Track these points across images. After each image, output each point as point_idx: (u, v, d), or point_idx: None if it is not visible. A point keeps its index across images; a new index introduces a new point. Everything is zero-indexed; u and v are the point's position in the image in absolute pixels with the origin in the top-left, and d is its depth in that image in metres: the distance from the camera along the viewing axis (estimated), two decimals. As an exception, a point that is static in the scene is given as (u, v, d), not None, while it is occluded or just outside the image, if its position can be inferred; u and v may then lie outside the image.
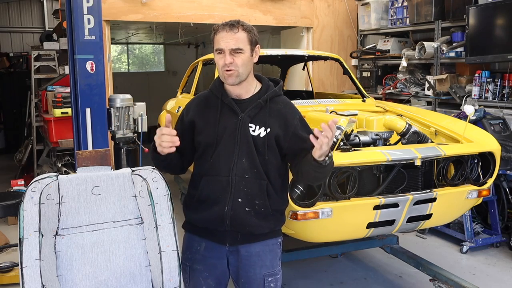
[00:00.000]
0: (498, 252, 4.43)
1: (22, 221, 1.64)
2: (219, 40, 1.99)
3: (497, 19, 4.50)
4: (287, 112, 2.11)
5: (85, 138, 3.64)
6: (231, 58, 1.97)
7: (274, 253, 2.16)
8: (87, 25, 3.55)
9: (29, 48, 8.95)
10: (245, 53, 2.00)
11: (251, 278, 2.12)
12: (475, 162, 3.12)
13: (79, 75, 3.61)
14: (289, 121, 2.08)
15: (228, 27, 1.98)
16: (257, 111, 2.07)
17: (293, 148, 2.07)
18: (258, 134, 2.05)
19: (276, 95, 2.13)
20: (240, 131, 2.04)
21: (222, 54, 1.99)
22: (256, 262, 2.11)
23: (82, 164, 1.82)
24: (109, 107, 3.88)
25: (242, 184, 2.02)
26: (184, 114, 2.16)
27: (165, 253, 1.76)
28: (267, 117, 2.06)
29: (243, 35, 1.99)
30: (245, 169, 2.03)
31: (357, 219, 2.85)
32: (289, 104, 2.16)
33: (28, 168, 7.09)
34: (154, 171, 1.86)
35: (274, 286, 2.15)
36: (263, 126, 2.05)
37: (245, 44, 2.00)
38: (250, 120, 2.06)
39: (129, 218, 1.84)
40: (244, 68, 2.01)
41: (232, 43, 1.97)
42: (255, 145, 2.04)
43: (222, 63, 1.99)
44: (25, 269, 1.59)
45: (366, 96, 4.26)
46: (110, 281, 1.75)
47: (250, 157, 2.04)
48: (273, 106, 2.09)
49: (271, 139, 2.05)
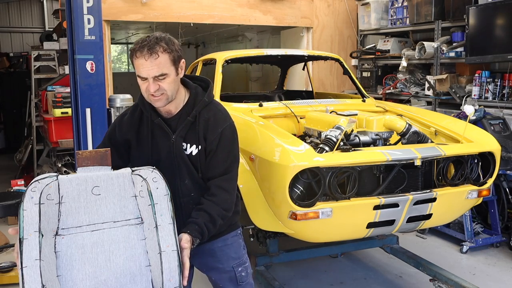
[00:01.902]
0: (498, 252, 4.44)
1: (22, 221, 1.64)
2: (139, 67, 1.87)
3: (497, 19, 4.50)
4: (210, 125, 2.02)
5: (85, 138, 3.64)
6: (155, 85, 1.87)
7: (236, 244, 2.22)
8: (87, 25, 3.56)
9: (29, 48, 8.96)
10: (171, 75, 1.90)
11: (222, 272, 2.18)
12: (475, 162, 3.12)
13: (79, 75, 3.61)
14: (208, 136, 2.01)
15: (147, 53, 1.83)
16: (188, 129, 2.02)
17: (205, 163, 2.04)
18: (190, 152, 2.02)
19: (203, 106, 2.04)
20: (176, 153, 2.02)
21: (146, 80, 1.89)
22: (222, 256, 2.17)
23: (82, 164, 1.82)
24: (109, 107, 3.88)
25: (190, 202, 2.03)
26: (117, 130, 2.11)
27: (165, 253, 1.76)
28: (197, 134, 2.02)
29: (165, 58, 1.86)
30: (189, 189, 2.04)
31: (357, 219, 2.85)
32: (215, 115, 2.05)
33: (28, 168, 7.09)
34: (154, 171, 1.86)
35: (245, 274, 2.20)
36: (194, 144, 2.02)
37: (169, 67, 1.88)
38: (182, 140, 2.02)
39: (129, 218, 1.84)
40: (172, 89, 1.93)
41: (155, 70, 1.85)
42: (192, 163, 2.02)
43: (146, 89, 1.90)
44: (25, 269, 1.59)
45: (366, 96, 4.27)
46: (110, 281, 1.75)
47: (191, 176, 2.03)
48: (201, 119, 2.02)
49: (202, 154, 2.03)
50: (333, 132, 2.93)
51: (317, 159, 2.68)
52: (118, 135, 2.10)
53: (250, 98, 4.51)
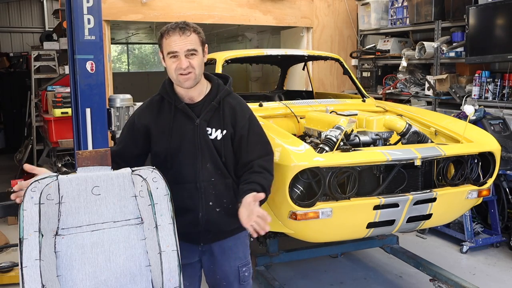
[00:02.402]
0: (498, 252, 4.43)
1: (22, 221, 1.64)
2: (171, 44, 1.98)
3: (497, 19, 4.50)
4: (238, 111, 2.13)
5: (85, 138, 3.63)
6: (186, 61, 1.98)
7: (244, 245, 2.27)
8: (87, 25, 3.55)
9: (29, 48, 8.96)
10: (199, 54, 2.03)
11: (227, 272, 2.21)
12: (475, 162, 3.12)
13: (79, 75, 3.60)
14: (238, 122, 2.11)
15: (179, 30, 1.97)
16: (212, 114, 2.10)
17: (237, 150, 2.12)
18: (215, 137, 2.09)
19: (227, 94, 2.15)
20: (200, 137, 2.07)
21: (177, 57, 1.99)
22: (230, 256, 2.20)
23: (82, 164, 1.82)
24: (109, 107, 3.88)
25: (211, 187, 2.08)
26: (136, 121, 2.17)
27: (165, 253, 1.76)
28: (221, 119, 2.10)
29: (195, 37, 2.01)
30: (211, 173, 2.08)
31: (357, 219, 2.85)
32: (240, 103, 2.19)
33: (28, 168, 7.08)
34: (154, 171, 1.86)
35: (248, 275, 2.26)
36: (219, 129, 2.09)
37: (198, 46, 2.02)
38: (206, 124, 2.09)
39: (129, 218, 1.84)
40: (200, 69, 2.04)
41: (188, 45, 1.98)
42: (215, 148, 2.08)
43: (177, 66, 2.00)
44: (25, 269, 1.59)
45: (366, 96, 4.26)
46: (110, 281, 1.75)
47: (214, 161, 2.08)
48: (226, 106, 2.12)
49: (227, 139, 2.10)
50: (333, 132, 2.93)
51: (317, 159, 2.68)
52: (137, 122, 2.15)
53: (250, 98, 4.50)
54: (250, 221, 1.81)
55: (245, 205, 1.87)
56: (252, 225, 1.80)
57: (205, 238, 2.15)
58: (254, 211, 1.81)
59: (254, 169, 2.06)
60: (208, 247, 2.18)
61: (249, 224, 1.81)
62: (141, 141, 2.14)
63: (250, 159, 2.09)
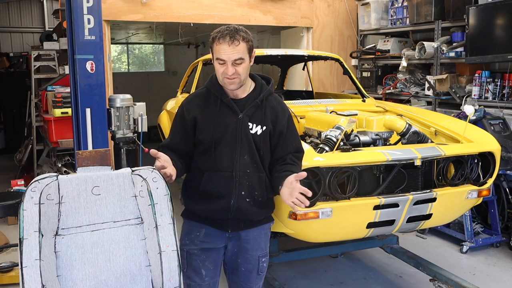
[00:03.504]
0: (498, 252, 4.43)
1: (22, 221, 1.65)
2: (220, 51, 2.09)
3: (497, 19, 4.50)
4: (279, 111, 2.29)
5: (85, 138, 3.63)
6: (233, 69, 2.10)
7: (266, 236, 2.43)
8: (87, 25, 3.55)
9: (29, 48, 8.94)
10: (246, 61, 2.15)
11: (248, 260, 2.35)
12: (475, 162, 3.12)
13: (79, 75, 3.60)
14: (279, 120, 2.27)
15: (229, 39, 2.07)
16: (254, 110, 2.24)
17: (274, 146, 2.28)
18: (255, 132, 2.23)
19: (269, 93, 2.31)
20: (241, 130, 2.21)
21: (224, 64, 2.11)
22: (254, 245, 2.35)
23: (82, 164, 1.82)
24: (109, 107, 3.88)
25: (245, 178, 2.22)
26: (185, 112, 2.29)
27: (165, 253, 1.76)
28: (263, 115, 2.25)
29: (243, 46, 2.11)
30: (247, 164, 2.22)
31: (357, 219, 2.85)
32: (281, 103, 2.35)
33: (28, 168, 7.08)
34: (154, 171, 1.86)
35: (265, 266, 2.42)
36: (260, 125, 2.24)
37: (245, 54, 2.13)
38: (248, 119, 2.23)
39: (129, 218, 1.84)
40: (245, 74, 2.17)
41: (235, 55, 2.09)
42: (254, 142, 2.22)
43: (224, 71, 2.12)
44: (25, 269, 1.59)
45: (366, 96, 4.26)
46: (110, 281, 1.76)
47: (251, 153, 2.22)
48: (267, 104, 2.27)
49: (266, 135, 2.25)
50: (333, 132, 2.94)
51: (317, 159, 2.68)
52: (186, 114, 2.27)
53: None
54: (291, 198, 1.98)
55: (287, 184, 2.03)
56: (293, 201, 1.97)
57: (233, 225, 2.28)
58: (296, 188, 1.97)
59: (287, 161, 2.24)
60: (235, 234, 2.31)
61: (290, 200, 1.99)
62: (191, 131, 2.26)
63: (284, 154, 2.26)
